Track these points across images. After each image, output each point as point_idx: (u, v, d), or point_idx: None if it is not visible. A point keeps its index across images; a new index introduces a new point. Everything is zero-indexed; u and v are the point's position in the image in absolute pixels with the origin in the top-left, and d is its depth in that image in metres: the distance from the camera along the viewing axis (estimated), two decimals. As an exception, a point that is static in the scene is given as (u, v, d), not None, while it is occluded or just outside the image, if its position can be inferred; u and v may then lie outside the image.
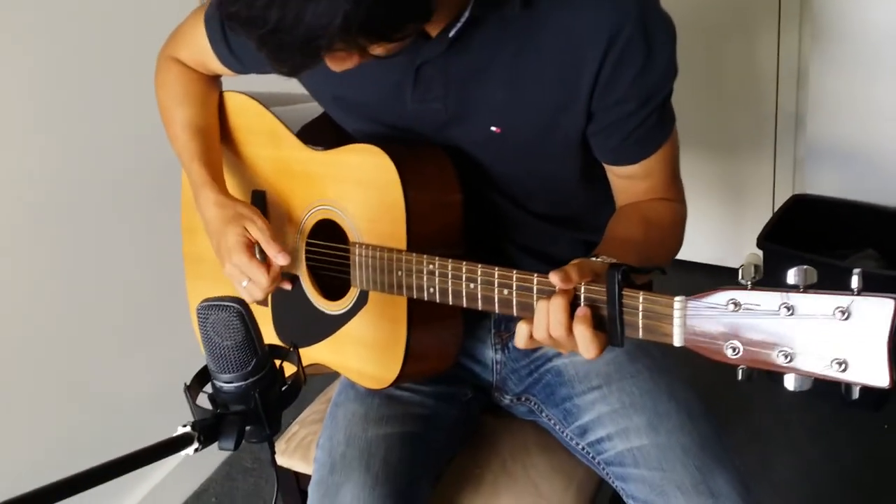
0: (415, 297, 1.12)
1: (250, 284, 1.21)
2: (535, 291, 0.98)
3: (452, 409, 1.30)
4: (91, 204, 1.82)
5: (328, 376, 1.36)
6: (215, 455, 2.18)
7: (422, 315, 1.16)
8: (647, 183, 1.17)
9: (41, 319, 1.75)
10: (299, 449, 1.42)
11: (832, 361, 0.78)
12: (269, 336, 1.36)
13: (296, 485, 1.45)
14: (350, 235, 1.21)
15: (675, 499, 1.06)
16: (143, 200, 1.92)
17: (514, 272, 1.00)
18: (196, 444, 0.89)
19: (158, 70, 1.40)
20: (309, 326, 1.29)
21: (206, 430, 0.90)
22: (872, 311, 0.76)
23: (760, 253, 2.12)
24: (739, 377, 0.84)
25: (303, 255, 1.28)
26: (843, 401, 0.80)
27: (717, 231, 2.48)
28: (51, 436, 1.80)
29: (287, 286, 1.29)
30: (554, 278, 0.91)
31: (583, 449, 1.21)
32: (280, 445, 1.44)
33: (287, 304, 1.31)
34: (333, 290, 1.28)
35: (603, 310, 0.92)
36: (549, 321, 0.93)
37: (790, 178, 2.39)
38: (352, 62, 0.95)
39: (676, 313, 0.85)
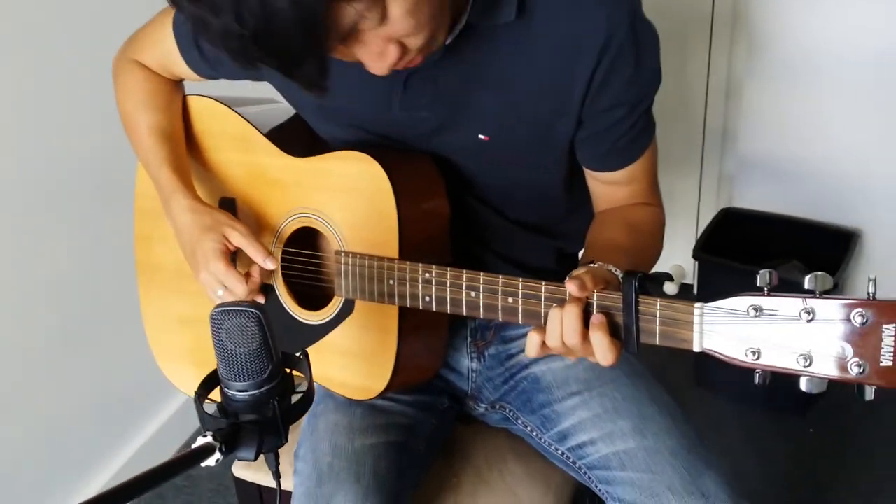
0: (408, 305, 1.11)
1: (225, 293, 1.18)
2: (543, 300, 0.98)
3: (431, 418, 1.29)
4: (34, 207, 1.75)
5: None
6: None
7: (412, 324, 1.15)
8: (630, 188, 1.20)
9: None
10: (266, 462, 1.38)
11: (851, 364, 0.81)
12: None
13: (258, 499, 1.42)
14: (334, 244, 1.19)
15: (666, 500, 1.08)
16: (88, 206, 1.86)
17: (521, 280, 1.00)
18: (218, 455, 0.85)
19: (119, 73, 1.35)
20: (284, 337, 1.26)
21: (225, 440, 0.87)
22: (890, 314, 0.80)
23: (684, 264, 2.20)
24: (756, 381, 0.87)
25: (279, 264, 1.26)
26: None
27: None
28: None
29: (261, 299, 1.25)
30: (571, 286, 0.92)
31: (562, 454, 1.22)
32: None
33: (260, 314, 1.28)
34: (309, 299, 1.25)
35: (617, 317, 0.93)
36: (562, 329, 0.93)
37: (715, 192, 2.48)
38: (376, 45, 0.91)
39: (696, 319, 0.88)
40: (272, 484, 1.35)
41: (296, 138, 1.28)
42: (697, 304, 0.88)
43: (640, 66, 1.07)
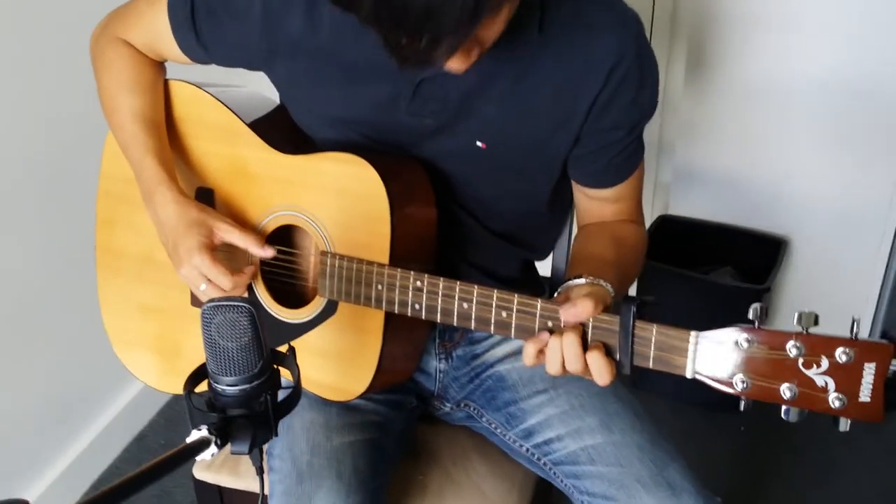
0: (396, 311, 1.13)
1: (209, 287, 1.17)
2: (537, 316, 1.02)
3: (401, 416, 1.31)
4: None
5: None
6: (88, 478, 2.08)
7: (396, 328, 1.17)
8: (617, 206, 1.24)
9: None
10: (228, 462, 1.38)
11: (832, 398, 0.88)
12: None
13: (219, 500, 1.42)
14: (320, 244, 1.20)
15: (636, 492, 1.12)
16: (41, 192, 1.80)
17: (516, 295, 1.03)
18: (213, 449, 0.86)
19: (102, 50, 1.31)
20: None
21: (219, 434, 0.88)
22: (871, 354, 0.86)
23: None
24: (742, 408, 0.93)
25: (258, 260, 1.26)
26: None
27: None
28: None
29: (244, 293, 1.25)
30: (572, 312, 0.96)
31: (527, 451, 1.25)
32: (204, 460, 1.39)
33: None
34: (282, 295, 1.26)
35: (612, 338, 0.97)
36: (563, 356, 0.97)
37: (651, 200, 2.57)
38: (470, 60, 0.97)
39: (691, 347, 0.92)
40: (233, 485, 1.38)
41: (279, 133, 1.27)
42: (693, 333, 0.93)
43: (642, 90, 1.11)
